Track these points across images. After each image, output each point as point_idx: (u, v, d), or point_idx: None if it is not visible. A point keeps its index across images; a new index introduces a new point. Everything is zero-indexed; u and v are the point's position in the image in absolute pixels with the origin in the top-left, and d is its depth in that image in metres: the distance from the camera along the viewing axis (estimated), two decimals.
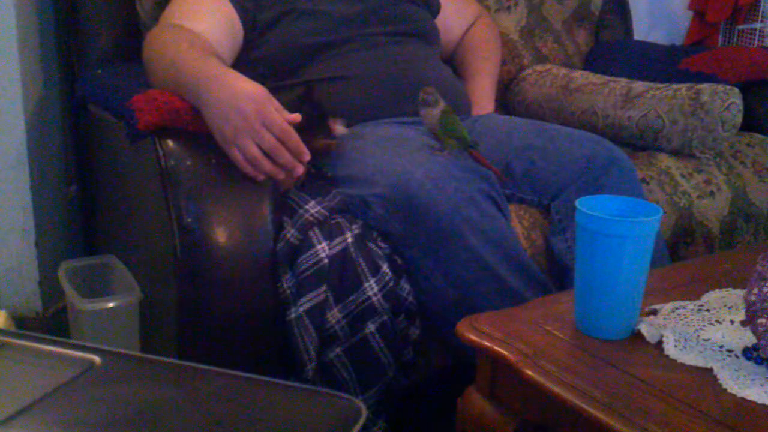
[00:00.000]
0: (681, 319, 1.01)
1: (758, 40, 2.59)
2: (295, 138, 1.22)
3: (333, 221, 1.27)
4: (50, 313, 1.75)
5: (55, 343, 0.87)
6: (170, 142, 1.24)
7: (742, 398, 0.85)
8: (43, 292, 1.73)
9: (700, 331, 0.98)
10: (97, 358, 0.84)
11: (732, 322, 1.01)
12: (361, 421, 0.74)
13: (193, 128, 1.25)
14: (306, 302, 1.21)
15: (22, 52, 1.64)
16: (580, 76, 1.89)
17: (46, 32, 1.75)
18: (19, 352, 0.86)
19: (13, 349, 0.86)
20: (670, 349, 0.94)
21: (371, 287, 1.21)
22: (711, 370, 0.90)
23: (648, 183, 1.55)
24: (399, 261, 1.27)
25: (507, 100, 2.01)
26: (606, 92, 1.78)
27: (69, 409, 0.76)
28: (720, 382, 0.88)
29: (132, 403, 0.78)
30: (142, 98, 1.26)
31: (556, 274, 1.34)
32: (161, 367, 0.86)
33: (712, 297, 1.08)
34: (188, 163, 1.23)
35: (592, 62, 2.13)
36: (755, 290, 0.89)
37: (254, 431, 0.74)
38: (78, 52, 1.71)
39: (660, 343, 0.96)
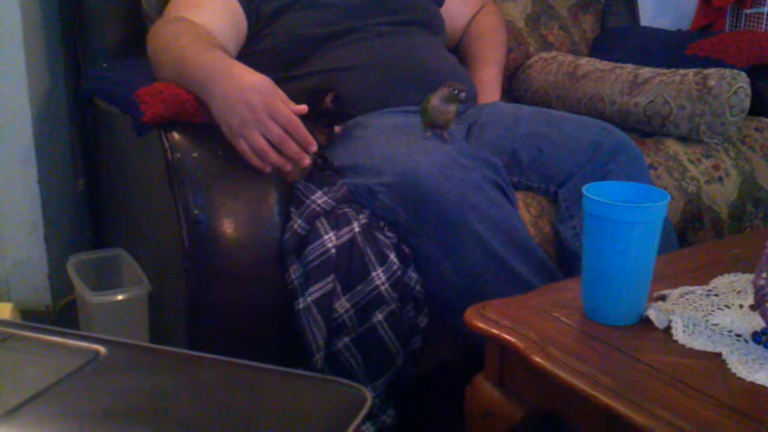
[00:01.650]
0: (689, 305, 1.01)
1: (765, 24, 2.57)
2: (301, 129, 1.21)
3: (340, 211, 1.27)
4: (60, 306, 1.76)
5: (59, 333, 0.87)
6: (176, 135, 1.24)
7: (752, 382, 0.84)
8: (52, 286, 1.74)
9: (709, 316, 0.98)
10: (102, 348, 0.84)
11: (741, 306, 1.00)
12: (366, 408, 0.74)
13: (199, 120, 1.25)
14: (314, 292, 1.21)
15: (27, 48, 1.64)
16: (587, 63, 1.88)
17: (51, 27, 1.76)
18: (24, 343, 0.86)
19: (18, 340, 0.87)
20: (679, 335, 0.94)
21: (379, 276, 1.22)
22: (720, 354, 0.90)
23: (656, 169, 1.54)
24: (406, 250, 1.27)
25: (513, 88, 2.00)
26: (613, 78, 1.77)
27: (74, 399, 0.76)
28: (729, 366, 0.87)
29: (137, 392, 0.78)
30: (147, 91, 1.26)
31: (564, 262, 1.34)
32: (166, 356, 0.86)
33: (721, 282, 1.08)
34: (194, 155, 1.24)
35: (598, 49, 2.12)
36: (764, 274, 0.89)
37: (259, 419, 0.75)
38: (83, 46, 1.71)
39: (669, 328, 0.95)
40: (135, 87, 1.30)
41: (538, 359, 0.91)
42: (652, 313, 0.97)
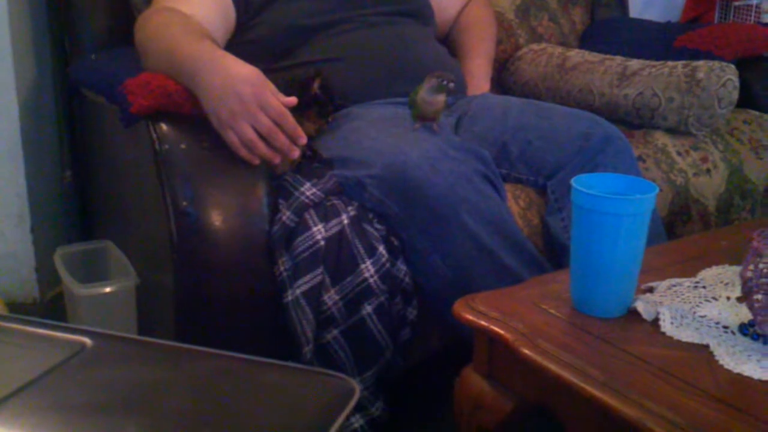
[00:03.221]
0: (677, 297, 1.01)
1: (754, 16, 2.58)
2: (291, 121, 1.21)
3: (329, 203, 1.27)
4: (47, 299, 1.75)
5: (45, 326, 0.87)
6: (164, 126, 1.24)
7: (739, 374, 0.85)
8: (39, 278, 1.73)
9: (697, 308, 0.98)
10: (88, 341, 0.83)
11: (728, 298, 1.01)
12: (355, 400, 0.74)
13: (187, 111, 1.25)
14: (302, 284, 1.21)
15: (14, 38, 1.63)
16: (576, 55, 1.88)
17: (38, 17, 1.74)
18: (9, 335, 0.86)
19: (3, 332, 0.86)
20: (667, 327, 0.94)
21: (367, 269, 1.21)
22: (707, 346, 0.90)
23: (644, 161, 1.55)
24: (395, 242, 1.27)
25: (503, 79, 2.00)
26: (602, 70, 1.77)
27: (60, 391, 0.76)
28: (716, 358, 0.88)
29: (124, 384, 0.78)
30: (134, 82, 1.25)
31: (553, 254, 1.34)
32: (153, 348, 0.86)
33: (709, 274, 1.08)
34: (183, 146, 1.23)
35: (587, 41, 2.12)
36: (751, 266, 0.89)
37: (248, 411, 0.74)
38: (71, 37, 1.70)
39: (656, 320, 0.96)
40: (122, 78, 1.29)
41: (526, 351, 0.91)
42: (640, 305, 0.97)
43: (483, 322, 0.97)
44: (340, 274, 1.21)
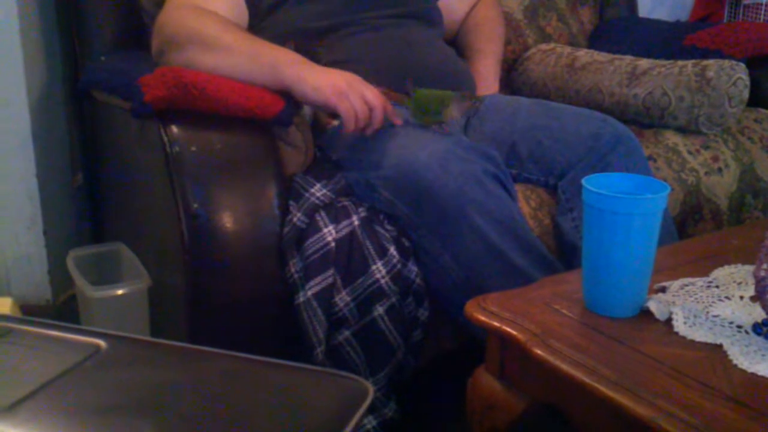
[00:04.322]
0: (690, 296, 1.01)
1: (764, 15, 2.57)
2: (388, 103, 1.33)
3: (339, 204, 1.27)
4: (60, 301, 1.76)
5: (60, 328, 0.87)
6: (175, 128, 1.24)
7: (753, 373, 0.84)
8: (52, 281, 1.74)
9: (710, 308, 0.98)
10: (102, 343, 0.84)
11: (741, 297, 1.00)
12: (369, 401, 0.74)
13: (200, 105, 1.24)
14: (314, 286, 1.21)
15: (24, 42, 1.64)
16: (585, 55, 1.88)
17: (48, 21, 1.75)
18: (24, 337, 0.86)
19: (18, 334, 0.87)
20: (680, 326, 0.94)
21: (379, 270, 1.22)
22: (721, 346, 0.90)
23: (655, 160, 1.54)
24: (406, 243, 1.27)
25: (512, 80, 2.00)
26: (611, 70, 1.77)
27: (75, 393, 0.76)
28: (730, 357, 0.87)
29: (138, 386, 0.78)
30: (150, 76, 1.25)
31: (564, 254, 1.34)
32: (167, 350, 0.86)
33: (721, 273, 1.08)
34: (193, 148, 1.23)
35: (596, 40, 2.12)
36: (764, 266, 0.89)
37: (262, 412, 0.75)
38: (80, 40, 1.70)
39: (669, 320, 0.96)
40: (136, 75, 1.28)
41: (539, 351, 0.91)
42: (652, 305, 0.97)
43: (495, 323, 0.97)
44: (352, 275, 1.22)
